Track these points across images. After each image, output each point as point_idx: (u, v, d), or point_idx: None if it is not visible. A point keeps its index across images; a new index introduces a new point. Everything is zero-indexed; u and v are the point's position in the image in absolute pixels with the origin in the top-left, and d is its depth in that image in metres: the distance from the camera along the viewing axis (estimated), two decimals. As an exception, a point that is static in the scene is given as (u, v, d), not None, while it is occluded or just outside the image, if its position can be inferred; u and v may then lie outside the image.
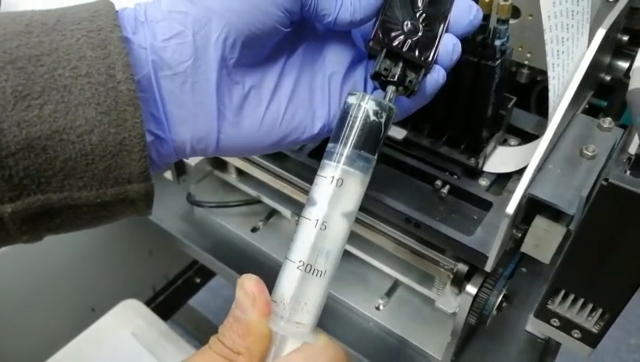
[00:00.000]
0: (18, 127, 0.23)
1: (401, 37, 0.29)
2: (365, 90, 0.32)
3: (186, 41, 0.27)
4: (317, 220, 0.26)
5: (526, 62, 0.48)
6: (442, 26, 0.30)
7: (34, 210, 0.25)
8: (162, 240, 0.63)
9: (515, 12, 0.47)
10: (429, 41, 0.30)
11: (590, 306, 0.31)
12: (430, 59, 0.30)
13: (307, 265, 0.26)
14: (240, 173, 0.58)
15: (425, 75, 0.30)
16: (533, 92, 0.53)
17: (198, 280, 0.96)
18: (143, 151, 0.26)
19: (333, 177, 0.27)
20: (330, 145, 0.27)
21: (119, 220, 0.29)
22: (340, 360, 0.26)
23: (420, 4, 0.30)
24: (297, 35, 0.31)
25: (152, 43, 0.27)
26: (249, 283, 0.26)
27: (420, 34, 0.30)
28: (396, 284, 0.54)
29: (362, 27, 0.30)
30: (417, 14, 0.30)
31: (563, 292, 0.32)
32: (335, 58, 0.32)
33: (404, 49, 0.29)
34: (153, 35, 0.27)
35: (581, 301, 0.32)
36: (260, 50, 0.29)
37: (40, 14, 0.26)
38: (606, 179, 0.26)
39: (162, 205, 0.62)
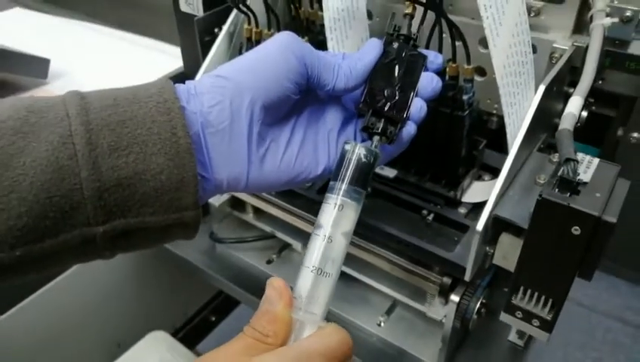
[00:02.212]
0: (112, 171, 0.32)
1: (383, 100, 0.39)
2: (356, 140, 0.42)
3: (224, 107, 0.36)
4: (325, 236, 0.34)
5: (494, 112, 0.58)
6: (412, 92, 0.40)
7: (118, 231, 0.33)
8: (185, 276, 0.71)
9: (483, 72, 0.57)
10: (403, 103, 0.40)
11: (543, 298, 0.40)
12: (405, 116, 0.40)
13: (318, 268, 0.34)
14: (256, 211, 0.67)
15: (401, 128, 0.40)
16: (503, 136, 0.62)
17: (213, 319, 1.03)
18: (195, 186, 0.34)
19: (335, 204, 0.34)
20: (331, 182, 0.35)
21: (174, 240, 0.37)
22: (346, 341, 0.32)
23: (396, 76, 0.40)
24: (304, 100, 0.41)
25: (200, 109, 0.36)
26: (277, 282, 0.33)
27: (396, 98, 0.39)
28: (395, 304, 0.62)
29: (352, 93, 0.41)
30: (394, 84, 0.40)
31: (522, 288, 0.41)
32: (332, 117, 0.42)
33: (385, 109, 0.39)
34: (201, 103, 0.36)
35: (536, 294, 0.40)
36: (278, 112, 0.39)
37: (121, 91, 0.35)
38: (540, 195, 0.36)
39: (188, 243, 0.71)
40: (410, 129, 0.41)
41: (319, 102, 0.43)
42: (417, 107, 0.41)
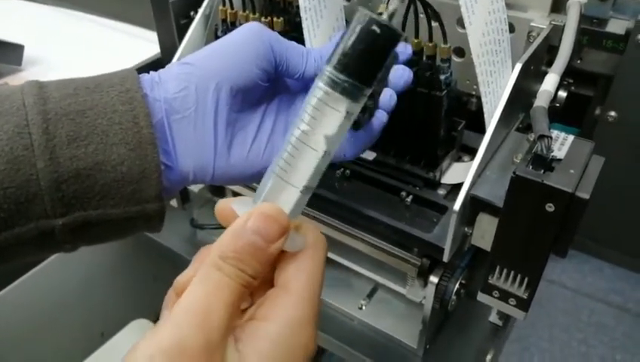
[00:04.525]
0: (70, 161, 0.32)
1: None
2: None
3: (189, 93, 0.36)
4: (324, 151, 0.28)
5: (473, 93, 0.58)
6: (381, 84, 0.40)
7: (78, 223, 0.33)
8: (166, 265, 0.70)
9: (461, 52, 0.57)
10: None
11: (519, 277, 0.40)
12: (372, 104, 0.40)
13: (307, 187, 0.29)
14: (236, 196, 0.66)
15: (370, 116, 0.40)
16: (483, 117, 0.62)
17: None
18: (158, 178, 0.34)
19: (345, 111, 0.27)
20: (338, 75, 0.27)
21: (137, 233, 0.37)
22: (324, 246, 0.29)
23: None
24: (274, 89, 0.41)
25: (165, 96, 0.35)
26: (272, 210, 0.27)
27: None
28: (376, 287, 0.62)
29: None
30: None
31: (498, 267, 0.41)
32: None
33: None
34: (166, 90, 0.36)
35: (512, 273, 0.40)
36: (246, 100, 0.38)
37: (82, 81, 0.35)
38: (514, 173, 0.35)
39: (169, 230, 0.70)
40: (381, 117, 0.41)
41: (289, 92, 0.42)
42: (387, 97, 0.41)
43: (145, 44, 0.87)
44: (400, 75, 0.41)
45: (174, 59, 0.58)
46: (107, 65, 0.41)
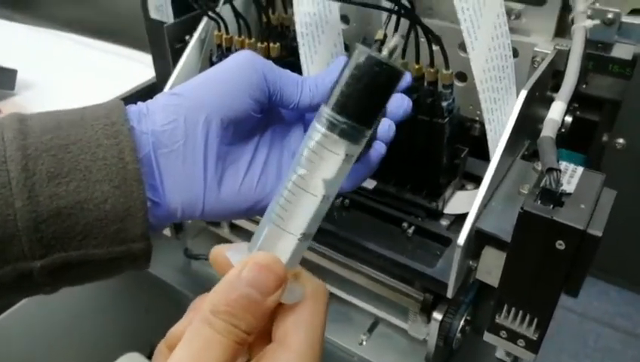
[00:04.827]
0: (50, 200, 0.30)
1: None
2: None
3: (178, 125, 0.34)
4: (323, 196, 0.26)
5: (477, 118, 0.56)
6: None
7: (57, 265, 0.30)
8: (160, 296, 0.68)
9: (464, 77, 0.55)
10: None
11: (528, 316, 0.37)
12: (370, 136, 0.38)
13: (306, 234, 0.27)
14: (232, 226, 0.64)
15: (368, 148, 0.38)
16: (487, 143, 0.60)
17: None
18: (144, 216, 0.32)
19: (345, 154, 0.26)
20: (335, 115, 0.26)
21: (122, 273, 0.34)
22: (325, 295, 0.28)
23: None
24: (267, 120, 0.39)
25: (152, 129, 0.33)
26: (269, 259, 0.25)
27: None
28: (377, 321, 0.59)
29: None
30: None
31: (506, 306, 0.38)
32: (297, 138, 0.40)
33: None
34: (153, 122, 0.34)
35: (520, 313, 0.38)
36: (238, 132, 0.36)
37: (66, 114, 0.33)
38: (522, 208, 0.33)
39: (162, 261, 0.68)
40: (379, 149, 0.39)
41: (283, 123, 0.40)
42: (385, 127, 0.39)
43: (140, 67, 0.86)
44: (399, 104, 0.39)
45: (168, 84, 0.57)
46: (102, 88, 0.39)
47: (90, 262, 0.32)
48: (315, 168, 0.25)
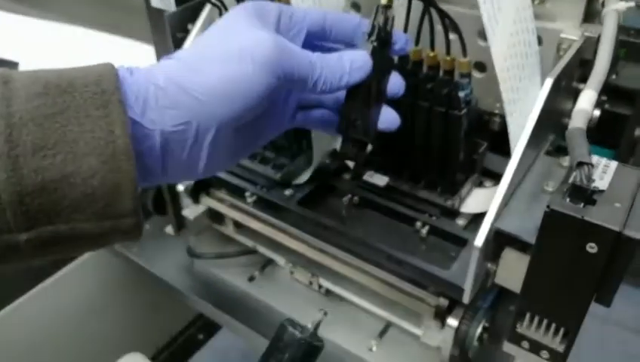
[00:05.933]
0: (35, 173, 0.28)
1: (353, 126, 0.36)
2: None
3: (189, 128, 0.32)
4: None
5: (497, 111, 0.53)
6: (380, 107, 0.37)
7: (44, 238, 0.29)
8: (163, 296, 0.65)
9: (483, 67, 0.52)
10: (370, 124, 0.37)
11: (553, 326, 0.34)
12: (370, 137, 0.37)
13: None
14: (236, 224, 0.61)
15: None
16: (507, 137, 0.57)
17: (200, 337, 0.97)
18: (134, 192, 0.30)
19: None
20: None
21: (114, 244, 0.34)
22: None
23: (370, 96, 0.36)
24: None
25: (162, 129, 0.32)
26: None
27: (367, 118, 0.37)
28: (387, 326, 0.56)
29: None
30: (369, 104, 0.37)
31: (529, 314, 0.35)
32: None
33: (354, 135, 0.37)
34: (163, 120, 0.32)
35: (545, 322, 0.34)
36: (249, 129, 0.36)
37: (54, 76, 0.31)
38: (548, 206, 0.30)
39: (163, 259, 0.65)
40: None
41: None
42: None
43: (142, 57, 0.84)
44: (397, 87, 0.38)
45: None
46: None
47: (79, 236, 0.31)
48: None
